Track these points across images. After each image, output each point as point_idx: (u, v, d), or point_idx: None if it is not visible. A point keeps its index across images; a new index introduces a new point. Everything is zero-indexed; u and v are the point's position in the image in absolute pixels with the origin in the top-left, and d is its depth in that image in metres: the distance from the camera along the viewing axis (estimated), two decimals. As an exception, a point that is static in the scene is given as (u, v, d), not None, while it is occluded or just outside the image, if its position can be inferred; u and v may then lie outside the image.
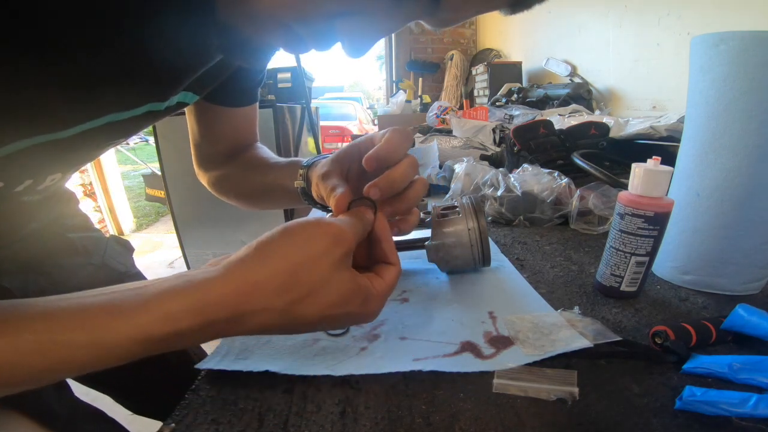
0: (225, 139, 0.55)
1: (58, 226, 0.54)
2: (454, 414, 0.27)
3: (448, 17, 0.27)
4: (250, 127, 0.56)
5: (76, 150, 0.36)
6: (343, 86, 19.71)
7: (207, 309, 0.24)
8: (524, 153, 0.86)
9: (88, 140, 0.33)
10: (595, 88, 1.93)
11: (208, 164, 0.57)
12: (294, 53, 0.30)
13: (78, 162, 0.42)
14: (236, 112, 0.53)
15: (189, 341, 0.25)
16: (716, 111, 0.40)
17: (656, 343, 0.33)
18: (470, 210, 0.44)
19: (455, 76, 3.55)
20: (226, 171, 0.55)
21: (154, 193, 3.27)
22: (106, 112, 0.32)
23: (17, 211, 0.44)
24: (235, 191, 0.55)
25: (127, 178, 4.85)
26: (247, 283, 0.25)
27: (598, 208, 0.62)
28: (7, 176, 0.34)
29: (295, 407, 0.28)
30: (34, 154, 0.31)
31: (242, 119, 0.54)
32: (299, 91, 2.06)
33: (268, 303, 0.25)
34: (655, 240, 0.39)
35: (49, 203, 0.50)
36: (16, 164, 0.32)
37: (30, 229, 0.48)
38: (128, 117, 0.34)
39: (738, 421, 0.26)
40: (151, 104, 0.35)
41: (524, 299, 0.42)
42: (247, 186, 0.53)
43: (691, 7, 1.38)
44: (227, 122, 0.53)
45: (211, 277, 0.24)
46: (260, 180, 0.52)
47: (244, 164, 0.54)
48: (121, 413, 0.59)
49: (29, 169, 0.35)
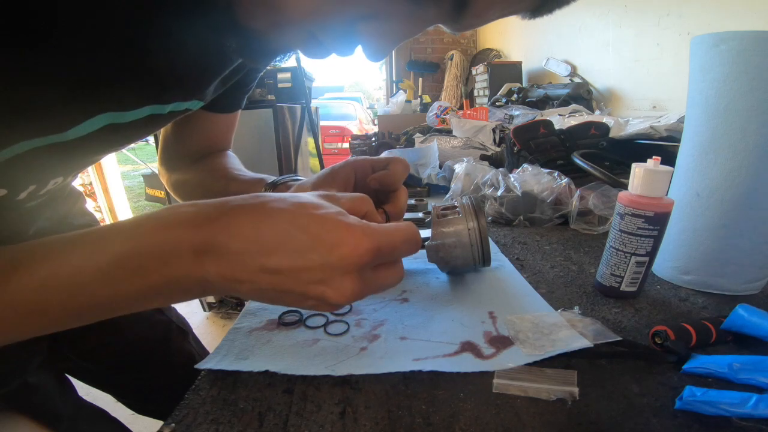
0: (197, 143, 0.54)
1: (66, 225, 0.54)
2: (454, 414, 0.27)
3: (470, 22, 0.27)
4: (226, 134, 0.56)
5: (78, 154, 0.36)
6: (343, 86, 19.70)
7: (175, 223, 0.24)
8: (524, 153, 0.86)
9: (91, 143, 0.33)
10: (595, 88, 1.93)
11: (172, 164, 0.56)
12: (315, 58, 0.30)
13: (80, 166, 0.42)
14: (217, 118, 0.52)
15: (154, 276, 0.24)
16: (716, 111, 0.40)
17: (656, 343, 0.33)
18: (470, 210, 0.44)
19: (455, 76, 3.55)
20: (187, 176, 0.54)
21: (154, 193, 3.27)
22: (104, 110, 0.31)
23: (20, 217, 0.43)
24: (192, 198, 0.54)
25: (127, 178, 4.85)
26: (229, 222, 0.24)
27: (598, 208, 0.62)
28: (10, 182, 0.33)
29: (295, 407, 0.28)
30: (35, 158, 0.30)
31: (221, 125, 0.54)
32: (299, 91, 2.06)
33: (243, 247, 0.24)
34: (655, 240, 0.39)
35: (54, 203, 0.50)
36: (18, 169, 0.32)
37: (37, 228, 0.48)
38: (130, 121, 0.34)
39: (738, 421, 0.26)
40: (152, 107, 0.35)
41: (524, 299, 0.42)
42: (205, 195, 0.52)
43: (691, 7, 1.38)
44: (205, 127, 0.53)
45: (197, 205, 0.25)
46: (220, 190, 0.50)
47: (206, 171, 0.53)
48: (121, 413, 0.59)
49: (32, 175, 0.35)
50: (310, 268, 0.24)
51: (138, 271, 0.23)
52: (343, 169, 0.41)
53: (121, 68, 0.29)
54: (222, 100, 0.49)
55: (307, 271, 0.24)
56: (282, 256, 0.24)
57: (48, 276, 0.23)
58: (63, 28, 0.24)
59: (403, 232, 0.27)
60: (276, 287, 0.25)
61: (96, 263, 0.23)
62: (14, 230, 0.44)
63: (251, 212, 0.25)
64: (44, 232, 0.49)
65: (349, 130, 6.66)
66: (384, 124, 2.34)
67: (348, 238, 0.24)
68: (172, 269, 0.24)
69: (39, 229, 0.48)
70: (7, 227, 0.42)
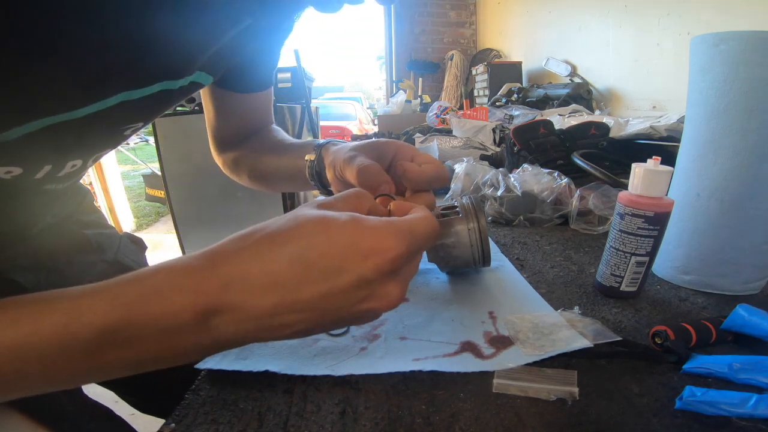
0: (239, 123, 0.55)
1: (74, 222, 0.54)
2: (454, 414, 0.27)
3: None
4: (264, 111, 0.57)
5: (92, 133, 0.36)
6: (343, 86, 19.72)
7: (168, 293, 0.20)
8: (524, 153, 0.86)
9: (103, 121, 0.33)
10: (595, 88, 1.93)
11: (223, 146, 0.58)
12: (328, 11, 0.29)
13: (97, 147, 0.41)
14: (250, 98, 0.53)
15: (151, 346, 0.21)
16: (716, 111, 0.40)
17: (656, 343, 0.33)
18: (470, 210, 0.44)
19: (455, 76, 3.55)
20: (240, 152, 0.56)
21: (154, 193, 3.28)
22: (118, 91, 0.31)
23: (37, 202, 0.43)
24: (249, 172, 0.56)
25: (127, 178, 4.85)
26: (231, 273, 0.21)
27: (598, 208, 0.62)
28: (24, 161, 0.33)
29: (295, 407, 0.28)
30: (48, 137, 0.30)
31: (257, 104, 0.55)
32: (299, 91, 2.07)
33: (251, 300, 0.21)
34: (655, 240, 0.39)
35: (65, 197, 0.50)
36: (31, 148, 0.31)
37: (45, 224, 0.48)
38: (141, 96, 0.33)
39: (738, 421, 0.26)
40: (164, 83, 0.35)
41: (524, 299, 0.42)
42: (260, 167, 0.54)
43: (691, 7, 1.38)
44: (242, 107, 0.54)
45: (185, 261, 0.21)
46: (273, 160, 0.52)
47: (258, 145, 0.55)
48: (122, 412, 0.59)
49: (46, 154, 0.35)
50: (346, 290, 0.21)
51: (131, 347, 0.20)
52: (386, 145, 0.38)
53: (130, 45, 0.29)
54: (249, 81, 0.51)
55: (343, 294, 0.21)
56: (311, 287, 0.21)
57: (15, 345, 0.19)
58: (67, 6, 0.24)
59: (424, 224, 0.24)
60: (318, 321, 0.22)
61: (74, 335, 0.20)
62: (29, 215, 0.44)
63: (255, 251, 0.21)
64: (51, 229, 0.49)
65: (349, 130, 6.67)
66: (384, 124, 2.35)
67: (376, 244, 0.21)
68: (172, 342, 0.21)
69: (46, 226, 0.48)
70: (23, 210, 0.42)
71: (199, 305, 0.20)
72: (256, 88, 0.53)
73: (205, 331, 0.21)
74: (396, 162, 0.37)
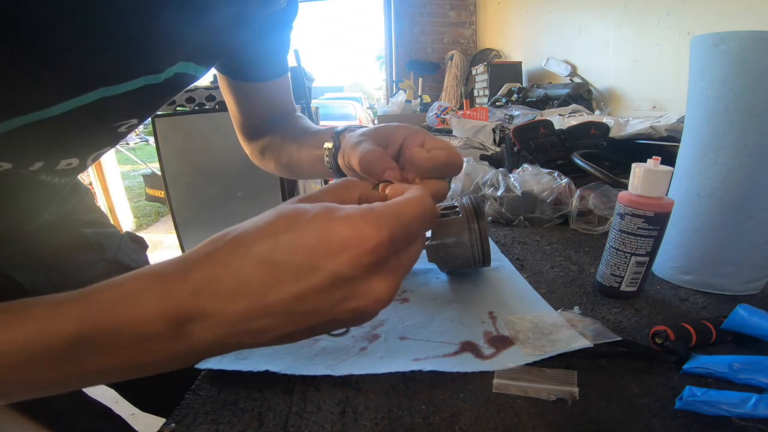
0: (259, 113, 0.56)
1: (73, 220, 0.54)
2: (454, 414, 0.27)
3: None
4: (282, 99, 0.57)
5: (78, 130, 0.35)
6: (343, 86, 19.73)
7: (139, 300, 0.19)
8: (524, 153, 0.86)
9: (86, 118, 0.32)
10: (595, 88, 1.93)
11: (250, 136, 0.58)
12: None
13: (92, 146, 0.41)
14: (265, 87, 0.54)
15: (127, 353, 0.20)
16: (716, 111, 0.40)
17: (656, 343, 0.33)
18: (470, 210, 0.44)
19: (455, 76, 3.55)
20: (265, 142, 0.56)
21: (154, 193, 3.28)
22: (95, 87, 0.31)
23: (33, 197, 0.43)
24: (275, 160, 0.56)
25: (127, 178, 4.85)
26: (201, 277, 0.19)
27: (598, 208, 0.62)
28: (11, 156, 0.33)
29: (295, 407, 0.28)
30: (29, 134, 0.30)
31: (273, 92, 0.55)
32: (299, 91, 2.06)
33: (221, 306, 0.19)
34: (655, 240, 0.39)
35: (64, 194, 0.50)
36: (15, 144, 0.31)
37: (43, 221, 0.47)
38: (123, 92, 0.33)
39: (738, 421, 0.26)
40: (146, 77, 0.34)
41: (524, 299, 0.42)
42: (285, 155, 0.54)
43: (691, 7, 1.38)
44: (259, 97, 0.55)
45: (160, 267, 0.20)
46: (296, 149, 0.52)
47: (283, 134, 0.55)
48: (122, 412, 0.59)
49: (33, 151, 0.34)
50: (320, 290, 0.19)
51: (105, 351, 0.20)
52: (394, 130, 0.35)
53: (101, 39, 0.29)
54: (263, 69, 0.52)
55: (318, 294, 0.19)
56: (282, 289, 0.19)
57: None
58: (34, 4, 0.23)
59: (412, 206, 0.21)
60: (298, 325, 0.20)
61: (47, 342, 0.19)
62: (18, 219, 0.44)
63: (224, 254, 0.20)
64: (49, 226, 0.49)
65: (349, 130, 6.64)
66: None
67: (350, 236, 0.19)
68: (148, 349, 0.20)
69: (44, 223, 0.48)
70: (21, 201, 0.41)
71: (171, 311, 0.19)
72: (270, 76, 0.53)
73: (182, 338, 0.20)
74: (405, 148, 0.35)
